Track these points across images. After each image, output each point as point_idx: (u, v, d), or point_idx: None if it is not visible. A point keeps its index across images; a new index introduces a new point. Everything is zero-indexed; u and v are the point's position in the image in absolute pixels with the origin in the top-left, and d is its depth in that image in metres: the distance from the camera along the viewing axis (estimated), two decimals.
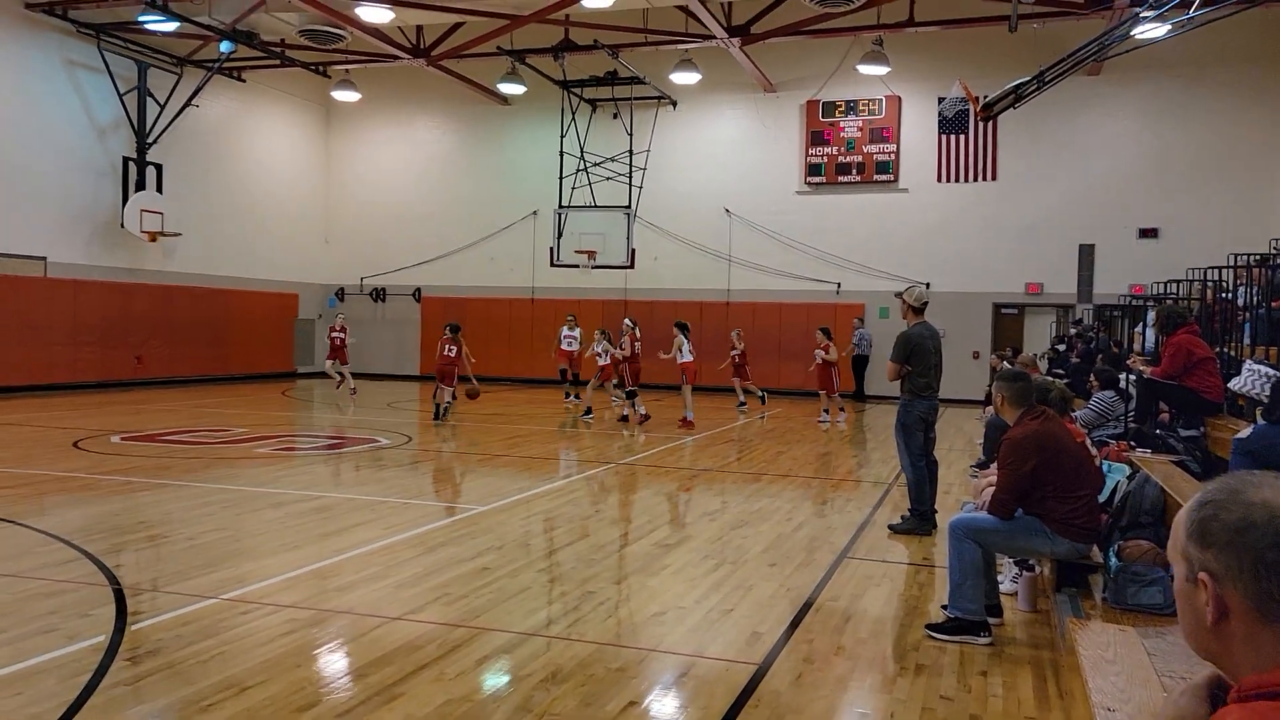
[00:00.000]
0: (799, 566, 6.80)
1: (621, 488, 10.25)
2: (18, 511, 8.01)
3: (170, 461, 11.03)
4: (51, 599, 5.52)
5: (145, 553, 6.88)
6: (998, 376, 5.55)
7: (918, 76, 22.46)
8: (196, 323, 23.10)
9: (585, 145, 23.16)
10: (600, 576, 6.44)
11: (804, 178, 23.78)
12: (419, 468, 11.56)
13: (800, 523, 8.38)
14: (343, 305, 27.63)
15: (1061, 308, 22.23)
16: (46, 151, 19.80)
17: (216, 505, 8.50)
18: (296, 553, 6.83)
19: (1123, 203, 21.49)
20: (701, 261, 24.48)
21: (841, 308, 23.33)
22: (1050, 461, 5.07)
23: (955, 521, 5.27)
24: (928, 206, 22.81)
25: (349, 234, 27.66)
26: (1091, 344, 15.32)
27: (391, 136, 27.31)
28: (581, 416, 17.03)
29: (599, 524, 8.40)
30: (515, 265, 25.91)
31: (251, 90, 24.76)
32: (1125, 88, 21.43)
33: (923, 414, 8.16)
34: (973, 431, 15.60)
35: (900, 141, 23.08)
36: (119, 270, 21.44)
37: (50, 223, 19.97)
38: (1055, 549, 5.14)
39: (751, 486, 10.34)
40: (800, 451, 13.48)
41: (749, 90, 23.88)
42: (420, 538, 7.41)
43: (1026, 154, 22.09)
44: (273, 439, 13.51)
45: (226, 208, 24.34)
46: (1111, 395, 9.23)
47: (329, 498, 9.06)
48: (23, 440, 12.66)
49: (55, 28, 19.79)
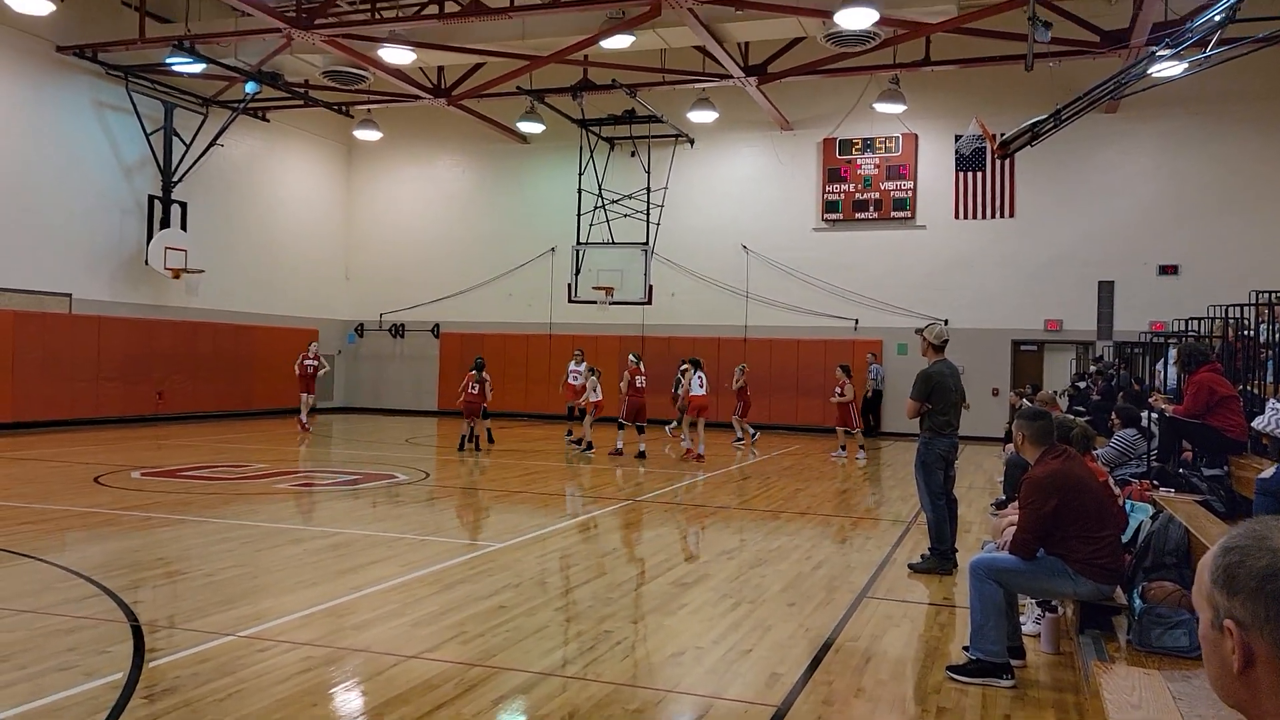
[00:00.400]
0: (818, 606, 6.74)
1: (638, 524, 10.21)
2: (40, 547, 8.06)
3: (190, 497, 11.08)
4: (70, 635, 5.53)
5: (164, 589, 6.89)
6: (1018, 415, 5.51)
7: (934, 114, 22.56)
8: (218, 358, 23.29)
9: (603, 182, 23.35)
10: (617, 615, 6.40)
11: (821, 214, 23.85)
12: (436, 504, 11.56)
13: (819, 561, 8.31)
14: (362, 341, 27.83)
15: (1081, 344, 22.12)
16: (74, 190, 20.14)
17: (235, 541, 8.52)
18: (314, 590, 6.83)
19: (1142, 239, 21.43)
20: (719, 298, 24.53)
21: (860, 344, 23.29)
22: (1072, 501, 5.01)
23: (976, 561, 5.21)
24: (945, 243, 22.81)
25: (369, 270, 27.91)
26: (1112, 381, 15.21)
27: (412, 174, 27.62)
28: (582, 452, 17.03)
29: (616, 562, 8.36)
30: (533, 301, 26.04)
31: (275, 129, 25.14)
32: (1142, 124, 21.45)
33: (943, 452, 8.11)
34: (993, 469, 15.47)
35: (917, 178, 23.14)
36: (142, 306, 21.68)
37: (76, 260, 20.26)
38: (1078, 590, 5.07)
39: (770, 524, 10.27)
40: (819, 489, 13.41)
41: (766, 128, 24.04)
42: (437, 575, 7.40)
43: (1044, 191, 22.09)
44: (292, 474, 13.56)
45: (249, 245, 24.64)
46: (1134, 433, 9.15)
47: (347, 534, 9.06)
48: (46, 476, 12.75)
49: (85, 70, 20.20)
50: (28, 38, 19.00)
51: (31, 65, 19.27)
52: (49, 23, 18.68)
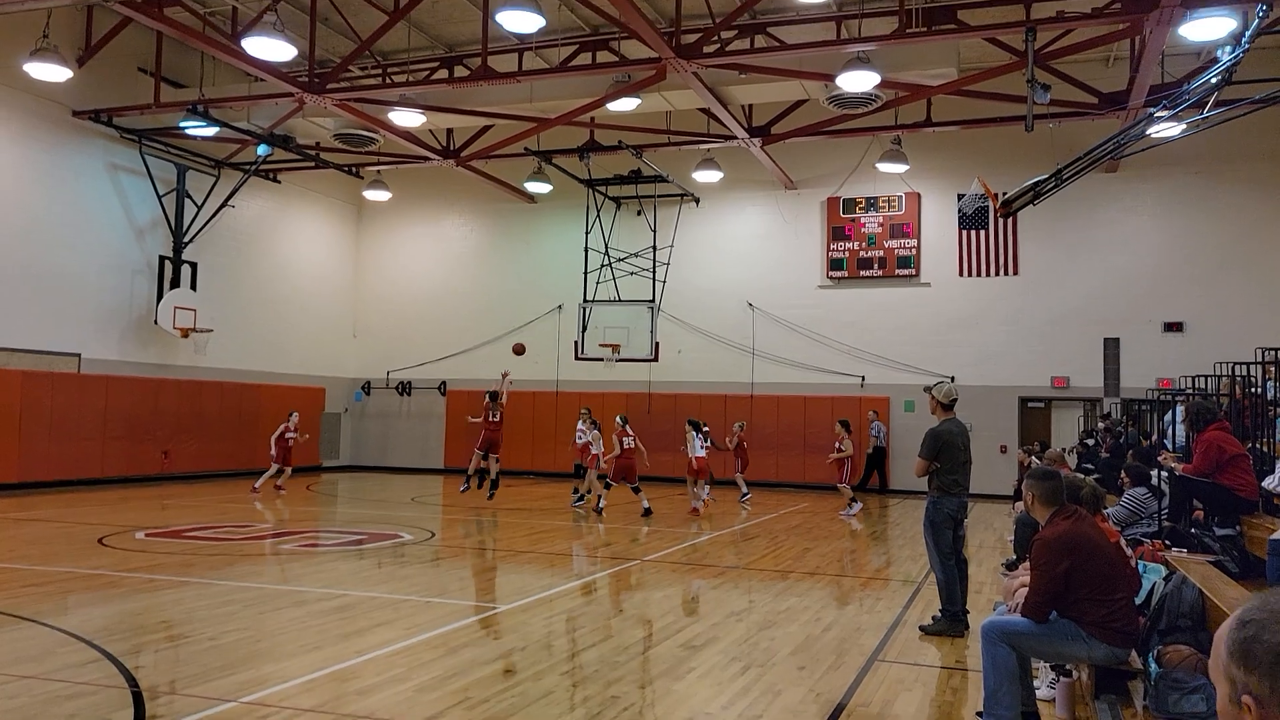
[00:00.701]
0: (829, 669, 6.65)
1: (646, 585, 10.12)
2: (42, 610, 8.00)
3: (194, 558, 11.02)
4: (71, 701, 5.47)
5: (166, 653, 6.82)
6: (1028, 475, 5.48)
7: (937, 173, 22.80)
8: (224, 417, 23.32)
9: (609, 241, 23.55)
10: (625, 680, 6.31)
11: (826, 272, 23.99)
12: (441, 564, 11.47)
13: (829, 623, 8.21)
14: (369, 399, 27.86)
15: (1088, 401, 22.06)
16: (87, 251, 20.36)
17: (239, 604, 8.46)
18: (317, 654, 6.76)
19: (1146, 296, 21.49)
20: (725, 355, 24.58)
21: (866, 401, 23.25)
22: (1084, 563, 4.96)
23: (988, 624, 5.15)
24: (950, 300, 22.89)
25: (376, 328, 28.06)
26: (1121, 438, 15.13)
27: (420, 234, 27.90)
28: (594, 510, 16.99)
29: (623, 624, 8.27)
30: (540, 359, 26.09)
31: (286, 191, 25.47)
32: (1143, 183, 21.64)
33: (951, 512, 8.05)
34: (1003, 528, 15.34)
35: (921, 236, 23.30)
36: (149, 366, 21.79)
37: (86, 320, 20.41)
38: (1092, 653, 5.00)
39: (778, 584, 10.17)
40: (828, 548, 13.29)
41: (770, 187, 24.30)
42: (442, 638, 7.32)
43: (1048, 249, 22.22)
44: (297, 534, 13.49)
45: (258, 304, 24.82)
46: (1144, 492, 9.08)
47: (351, 596, 8.99)
48: (50, 537, 12.70)
49: (100, 134, 20.56)
50: (45, 103, 19.37)
51: (48, 129, 19.62)
52: (66, 88, 19.06)
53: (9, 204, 18.91)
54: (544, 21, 14.31)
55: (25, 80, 17.88)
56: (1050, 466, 6.78)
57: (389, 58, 21.42)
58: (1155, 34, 14.20)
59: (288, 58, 16.08)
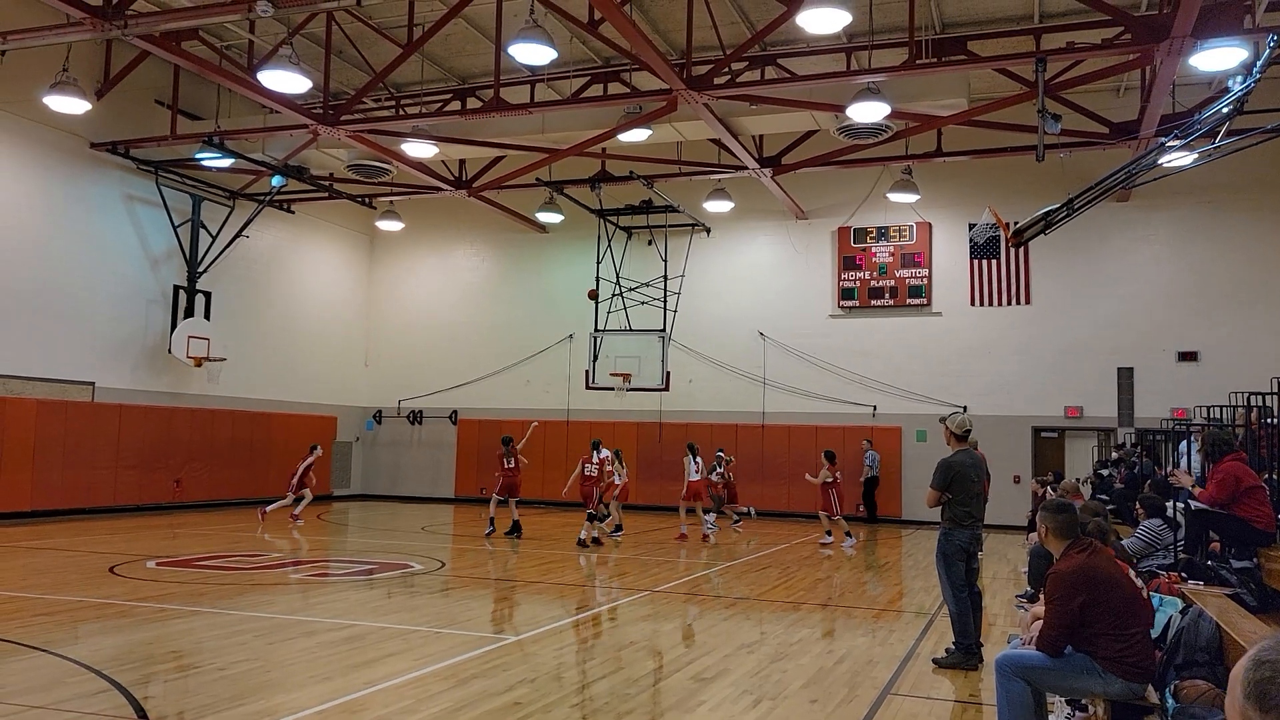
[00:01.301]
0: (841, 703, 6.58)
1: (656, 616, 10.05)
2: (52, 640, 7.99)
3: (205, 588, 11.00)
4: None
5: (175, 684, 6.80)
6: (1041, 507, 5.44)
7: (948, 203, 22.84)
8: (236, 445, 23.39)
9: (621, 270, 23.63)
10: (636, 712, 6.26)
11: (837, 301, 23.99)
12: (451, 594, 11.43)
13: (841, 656, 8.14)
14: (380, 427, 27.90)
15: (1102, 431, 21.92)
16: (102, 281, 20.54)
17: (249, 634, 8.43)
18: (326, 685, 6.73)
19: (1160, 326, 21.40)
20: (736, 384, 24.56)
21: (878, 430, 23.18)
22: (1100, 597, 4.91)
23: (1003, 658, 5.09)
24: (962, 330, 22.85)
25: (388, 357, 28.16)
26: (1135, 469, 15.02)
27: (432, 264, 28.06)
28: (611, 534, 17.09)
29: (634, 655, 8.21)
30: (550, 388, 26.14)
31: (299, 221, 25.69)
32: (1155, 212, 21.63)
33: (963, 544, 7.99)
34: (1016, 559, 15.21)
35: (932, 266, 23.31)
36: (163, 394, 21.88)
37: (100, 349, 20.55)
38: (1108, 688, 4.94)
39: (790, 616, 10.09)
40: (839, 579, 13.19)
41: (781, 217, 24.37)
42: (452, 669, 7.28)
43: (1060, 278, 22.19)
44: (307, 564, 13.46)
45: (270, 333, 24.96)
46: (1159, 524, 9.00)
47: (361, 626, 8.96)
48: (61, 565, 12.71)
49: (117, 165, 20.79)
50: (63, 134, 19.62)
51: (65, 160, 19.86)
52: (84, 120, 19.31)
53: (27, 234, 19.11)
54: (556, 54, 14.44)
55: (44, 113, 18.13)
56: (1064, 499, 6.72)
57: (402, 90, 21.65)
58: (1166, 64, 14.25)
59: (302, 90, 16.26)
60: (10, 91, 18.28)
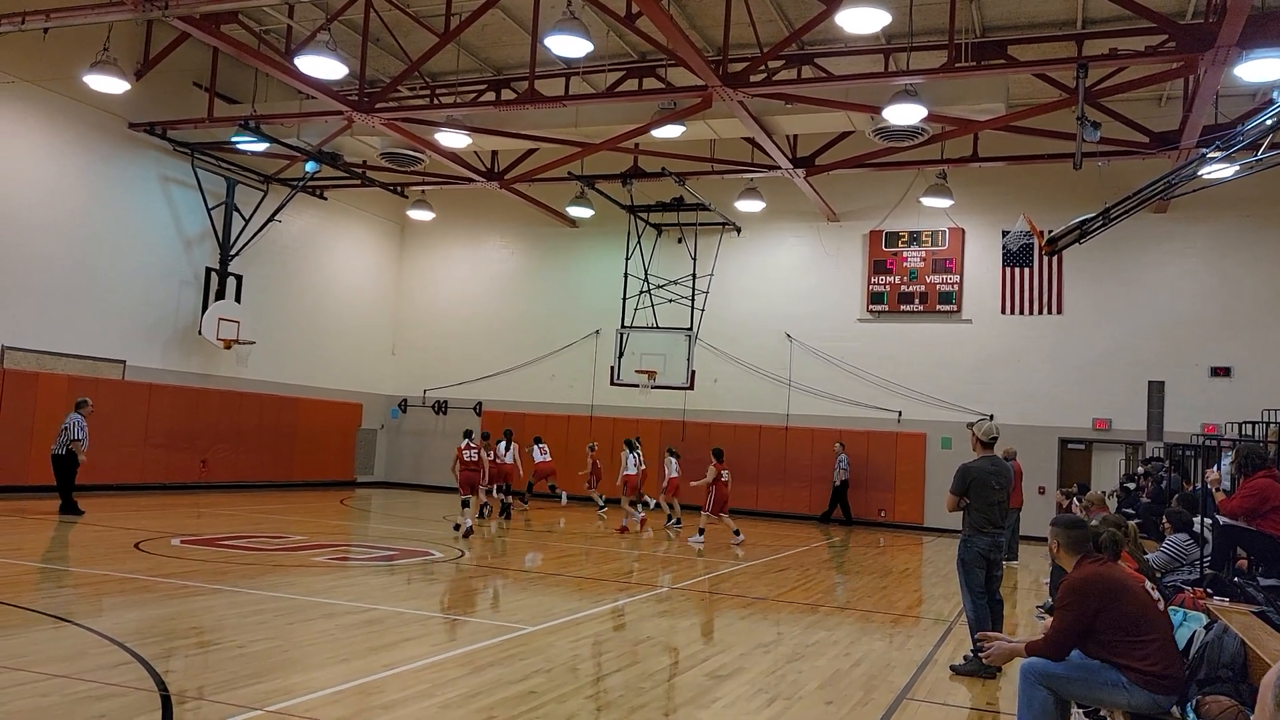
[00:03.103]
0: (856, 705, 6.54)
1: (674, 613, 10.04)
2: (77, 611, 8.10)
3: (227, 566, 11.11)
4: (101, 703, 5.52)
5: (195, 659, 6.87)
6: (1052, 522, 5.41)
7: (981, 209, 22.64)
8: (262, 429, 23.60)
9: (649, 268, 23.61)
10: (649, 706, 6.25)
11: (866, 305, 23.85)
12: (470, 583, 11.47)
13: (858, 659, 8.09)
14: (405, 416, 28.06)
15: (1131, 445, 21.66)
16: (137, 261, 20.78)
17: (269, 613, 8.50)
18: (344, 666, 6.77)
19: (1193, 340, 21.11)
20: (761, 385, 24.48)
21: (903, 436, 23.04)
22: (1114, 604, 4.91)
23: (1027, 665, 5.05)
24: (991, 338, 22.65)
25: (414, 347, 28.30)
26: (1163, 484, 14.83)
27: (462, 254, 28.16)
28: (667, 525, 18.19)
29: (649, 650, 8.20)
30: (575, 383, 26.17)
31: (332, 207, 25.86)
32: (1193, 225, 21.32)
33: (982, 550, 7.95)
34: (1039, 569, 15.07)
35: (963, 272, 23.11)
36: (192, 375, 22.11)
37: (133, 328, 20.79)
38: (1133, 701, 4.88)
39: (808, 618, 10.05)
40: (859, 583, 13.12)
41: (812, 219, 24.26)
42: (468, 656, 7.30)
43: (1092, 288, 21.94)
44: (328, 548, 13.56)
45: (300, 318, 25.16)
46: (1186, 539, 8.88)
47: (379, 610, 9.01)
48: (88, 540, 12.88)
49: (154, 146, 21.02)
50: (102, 114, 19.86)
51: (104, 140, 20.10)
52: (123, 101, 19.52)
53: (65, 211, 19.36)
54: (592, 47, 14.44)
55: (84, 92, 18.35)
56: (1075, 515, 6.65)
57: (437, 79, 21.73)
58: (1210, 74, 14.05)
59: (339, 76, 16.36)
60: (52, 70, 18.52)
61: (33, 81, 18.43)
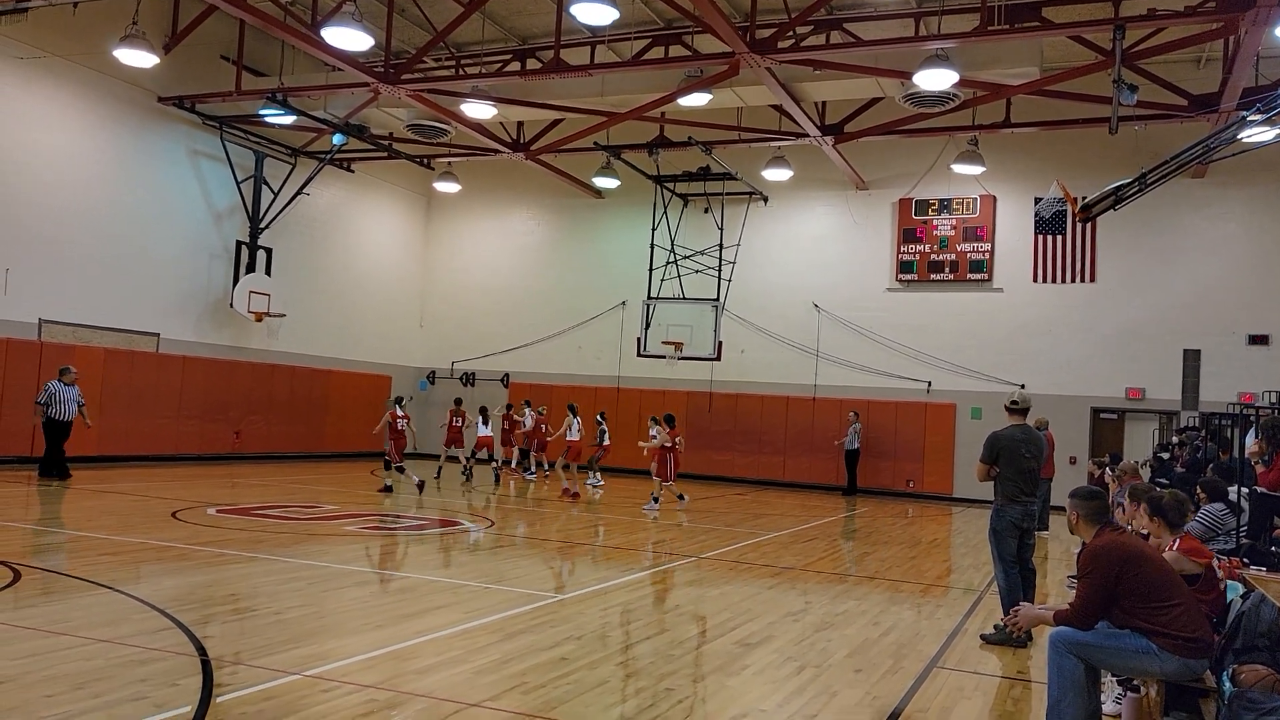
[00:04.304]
0: (885, 674, 6.55)
1: (702, 582, 10.08)
2: (118, 578, 8.26)
3: (262, 536, 11.27)
4: (143, 666, 5.63)
5: (233, 625, 6.99)
6: (1071, 494, 5.39)
7: (1013, 176, 22.32)
8: (294, 400, 23.85)
9: (676, 238, 23.51)
10: (679, 673, 6.30)
11: (895, 275, 23.64)
12: (500, 552, 11.58)
13: (888, 628, 8.10)
14: (433, 388, 28.22)
15: (1165, 414, 21.41)
16: (168, 234, 20.97)
17: (303, 581, 8.63)
18: (378, 633, 6.87)
19: (1230, 307, 20.77)
20: (788, 356, 24.39)
21: (932, 406, 22.90)
22: (1136, 570, 4.90)
23: (1057, 634, 5.03)
24: (1023, 307, 22.41)
25: (442, 319, 28.42)
26: (1198, 453, 14.65)
27: (488, 226, 28.18)
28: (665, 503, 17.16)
29: (678, 619, 8.25)
30: (602, 354, 26.20)
31: (359, 180, 25.94)
32: (1231, 190, 20.92)
33: (1015, 520, 7.92)
34: (1069, 540, 14.98)
35: (995, 240, 22.84)
36: (224, 348, 22.36)
37: (166, 301, 21.03)
38: (1165, 668, 4.85)
39: (837, 587, 10.06)
40: (887, 553, 13.11)
41: (841, 187, 24.03)
42: (500, 624, 7.38)
43: (1127, 256, 21.62)
44: (360, 517, 13.73)
45: (329, 291, 25.32)
46: (1221, 508, 8.77)
47: (412, 579, 9.12)
48: (126, 509, 13.11)
49: (183, 119, 21.14)
50: (131, 88, 19.98)
51: (134, 114, 20.24)
52: (152, 74, 19.62)
53: (97, 186, 19.55)
54: (617, 14, 14.32)
55: (114, 66, 18.45)
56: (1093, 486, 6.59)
57: (463, 49, 21.65)
58: (1251, 34, 13.71)
59: (365, 48, 16.34)
60: (81, 44, 18.64)
61: (63, 56, 18.56)
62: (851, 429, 22.41)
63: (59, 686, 5.18)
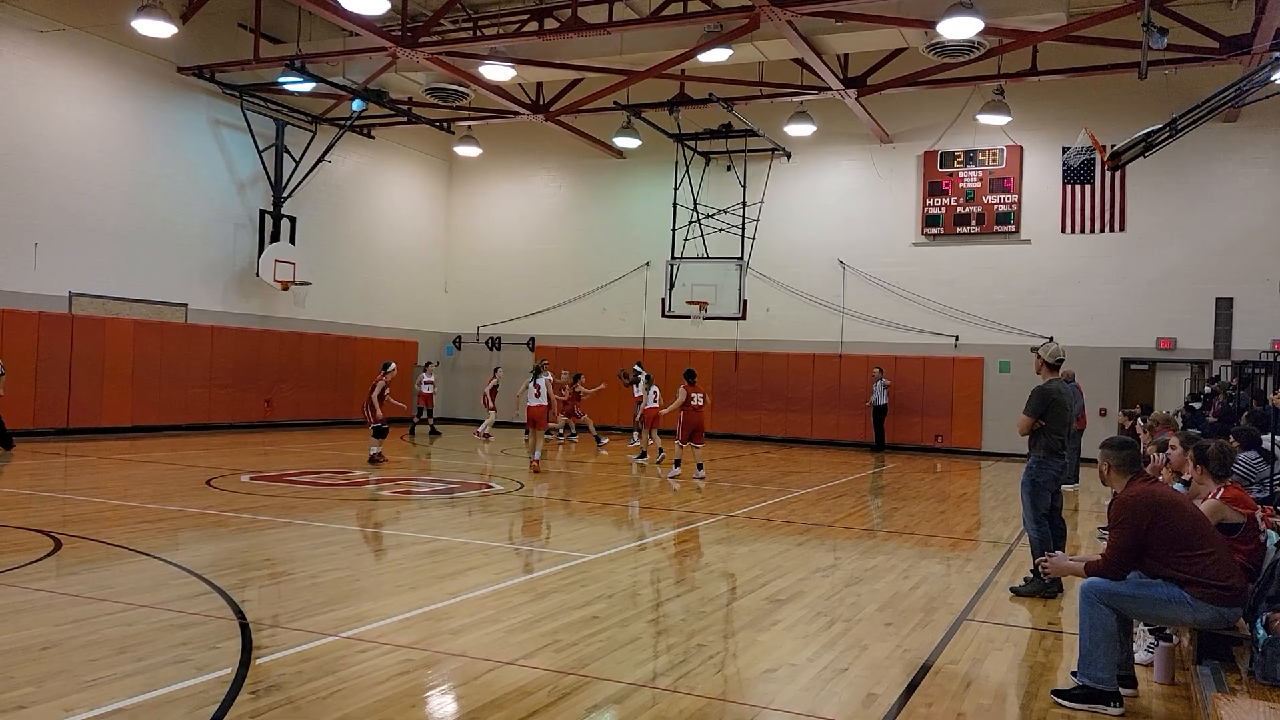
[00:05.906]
0: (916, 627, 6.58)
1: (730, 540, 10.14)
2: (156, 545, 8.41)
3: (296, 501, 11.43)
4: (184, 630, 5.75)
5: (270, 589, 7.11)
6: (1102, 445, 5.35)
7: (1040, 125, 21.96)
8: (322, 368, 24.05)
9: (698, 197, 23.36)
10: (710, 629, 6.35)
11: (921, 229, 23.40)
12: (530, 514, 11.68)
13: (917, 582, 8.12)
14: (460, 353, 28.35)
15: (1196, 364, 21.17)
16: (192, 205, 21.09)
17: (338, 545, 8.75)
18: (412, 594, 6.97)
19: (1264, 254, 20.41)
20: (814, 313, 24.27)
21: (960, 361, 22.76)
22: (1167, 519, 4.89)
23: (1088, 584, 5.02)
24: (1051, 258, 22.14)
25: (467, 284, 28.48)
26: (1231, 402, 14.49)
27: (509, 190, 28.11)
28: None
29: (707, 576, 8.31)
30: (627, 315, 26.19)
31: (380, 146, 25.92)
32: (1265, 134, 20.47)
33: (1056, 473, 7.90)
34: (1099, 491, 14.91)
35: (1022, 192, 22.52)
36: (252, 317, 22.54)
37: (192, 271, 21.20)
38: (1198, 617, 4.84)
39: (866, 543, 10.08)
40: (916, 508, 13.11)
41: (865, 141, 23.74)
42: (531, 584, 7.46)
43: (1157, 204, 21.27)
44: (391, 482, 13.88)
45: (353, 258, 25.42)
46: (1255, 456, 8.68)
47: (444, 541, 9.22)
48: (162, 477, 13.33)
49: (203, 89, 21.16)
50: (151, 59, 20.01)
51: (154, 85, 20.28)
52: (171, 44, 19.63)
53: (121, 159, 19.65)
54: None
55: (133, 37, 18.48)
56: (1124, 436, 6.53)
57: (480, 10, 21.45)
58: None
59: (381, 11, 16.25)
60: (100, 15, 18.65)
61: (83, 28, 18.59)
62: (878, 384, 22.35)
63: (102, 651, 5.30)
